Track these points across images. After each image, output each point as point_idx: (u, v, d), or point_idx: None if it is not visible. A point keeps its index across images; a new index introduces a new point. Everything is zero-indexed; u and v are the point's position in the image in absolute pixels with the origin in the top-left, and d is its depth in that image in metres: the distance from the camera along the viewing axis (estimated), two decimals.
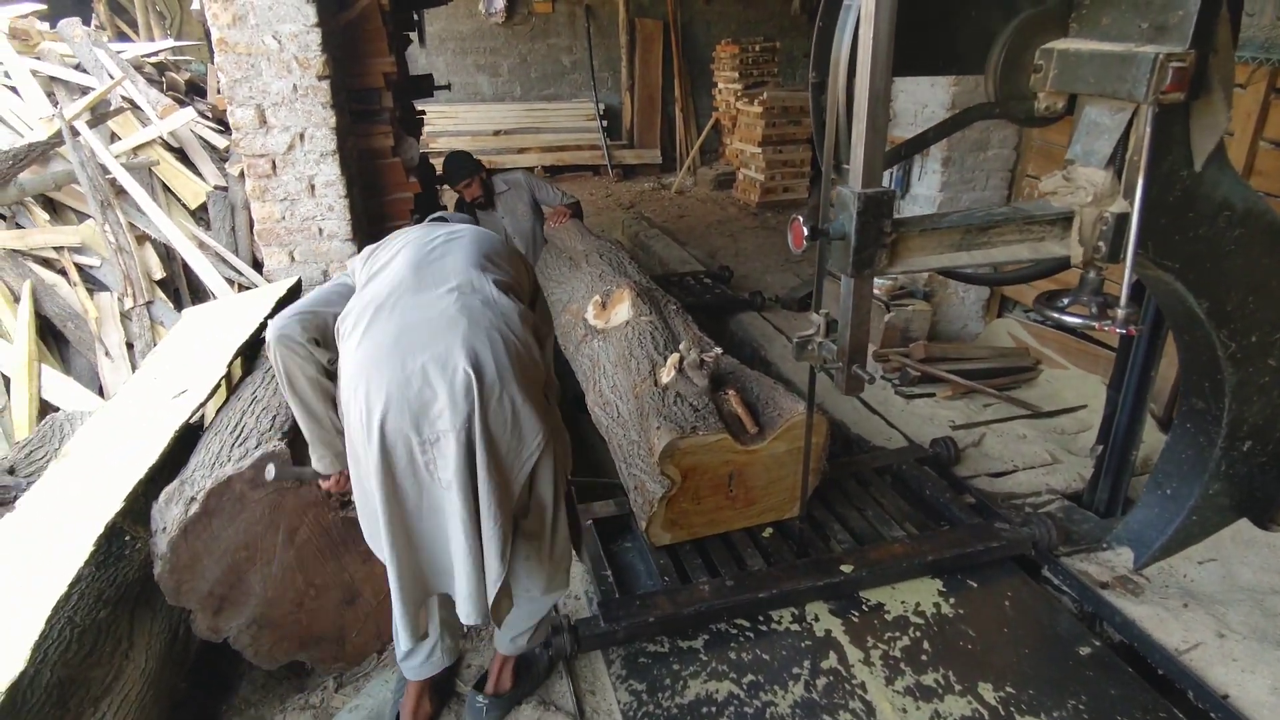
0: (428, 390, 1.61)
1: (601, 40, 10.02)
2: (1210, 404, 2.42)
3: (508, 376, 1.66)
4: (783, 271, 6.21)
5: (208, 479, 1.98)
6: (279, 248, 3.51)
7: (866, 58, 1.74)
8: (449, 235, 1.96)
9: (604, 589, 2.44)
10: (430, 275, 1.79)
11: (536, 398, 1.73)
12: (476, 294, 1.76)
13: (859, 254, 1.88)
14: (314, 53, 3.23)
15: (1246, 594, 2.40)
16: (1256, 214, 2.12)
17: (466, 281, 1.78)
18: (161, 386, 2.61)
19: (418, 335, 1.66)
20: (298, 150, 3.35)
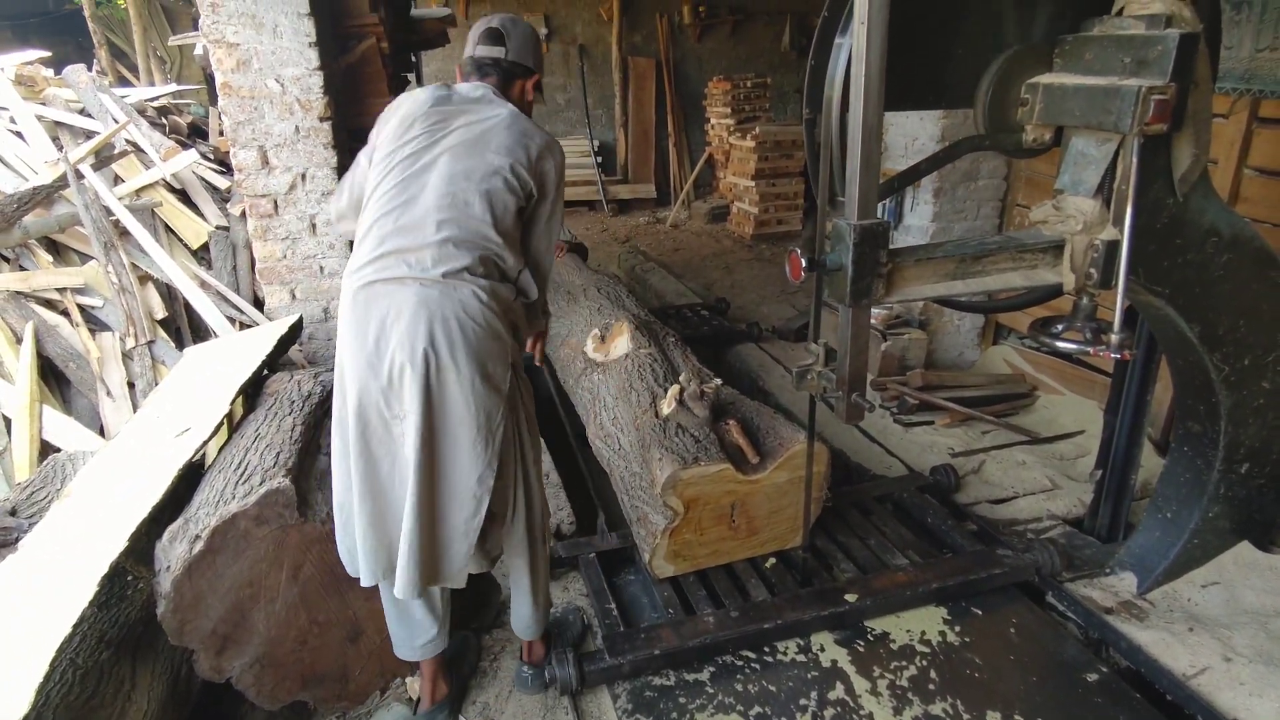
0: (395, 374, 1.85)
1: (595, 78, 10.20)
2: (1206, 427, 2.44)
3: (462, 360, 1.84)
4: (778, 303, 6.26)
5: (212, 516, 1.98)
6: (280, 286, 3.54)
7: (859, 94, 1.80)
8: (440, 136, 1.99)
9: (608, 622, 2.43)
10: (409, 218, 1.92)
11: (496, 373, 1.91)
12: (436, 283, 1.85)
13: (856, 284, 1.92)
14: (316, 95, 3.29)
15: (1251, 617, 2.40)
16: (1243, 240, 2.17)
17: (434, 255, 1.87)
18: (164, 425, 2.61)
19: (388, 318, 1.85)
20: (299, 190, 3.41)
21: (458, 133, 1.99)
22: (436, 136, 1.99)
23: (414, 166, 1.97)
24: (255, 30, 3.19)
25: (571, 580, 2.76)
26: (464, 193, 1.93)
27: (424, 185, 1.95)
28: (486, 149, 1.97)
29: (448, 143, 1.98)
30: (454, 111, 2.03)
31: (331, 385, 2.75)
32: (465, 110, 2.03)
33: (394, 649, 2.16)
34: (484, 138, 1.98)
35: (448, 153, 1.97)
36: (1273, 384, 2.36)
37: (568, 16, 9.93)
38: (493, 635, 2.52)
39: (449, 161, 1.96)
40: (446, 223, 1.90)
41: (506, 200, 1.96)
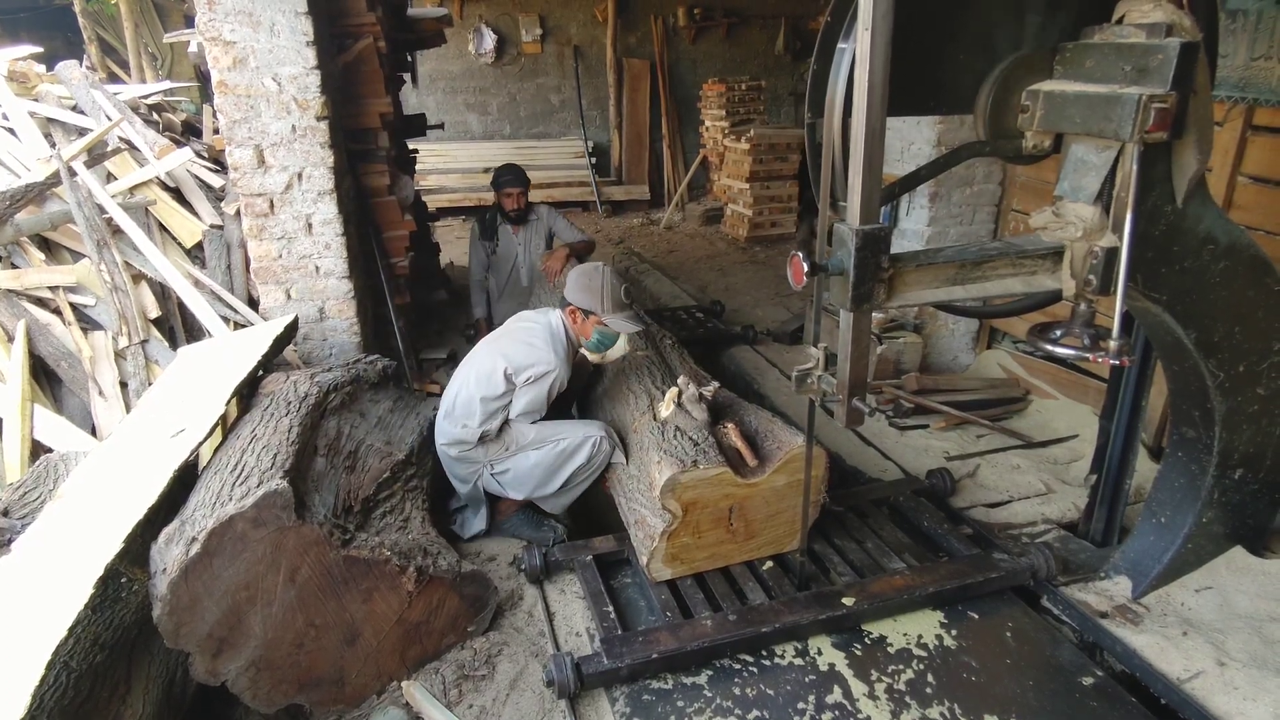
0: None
1: (590, 80, 10.19)
2: (1201, 433, 2.46)
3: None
4: (773, 305, 6.27)
5: (209, 518, 1.97)
6: (275, 286, 3.52)
7: (862, 99, 1.80)
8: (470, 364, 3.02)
9: (606, 625, 2.42)
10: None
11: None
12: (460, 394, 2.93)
13: (857, 289, 1.92)
14: (313, 94, 3.28)
15: (1245, 621, 2.42)
16: (1240, 247, 2.19)
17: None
18: (158, 426, 2.59)
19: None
20: (295, 189, 3.39)
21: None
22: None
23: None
24: (252, 28, 3.17)
25: (568, 583, 2.75)
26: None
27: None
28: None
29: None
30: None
31: (328, 385, 2.75)
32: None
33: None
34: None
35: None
36: (1267, 390, 2.38)
37: (563, 17, 9.92)
38: (489, 638, 2.51)
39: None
40: None
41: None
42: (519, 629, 2.56)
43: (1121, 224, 1.97)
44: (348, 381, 2.91)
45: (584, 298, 2.88)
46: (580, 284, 2.90)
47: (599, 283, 2.88)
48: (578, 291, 2.90)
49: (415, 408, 3.32)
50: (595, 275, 2.91)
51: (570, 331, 2.97)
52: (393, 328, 4.13)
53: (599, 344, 2.96)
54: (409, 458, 2.88)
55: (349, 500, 2.40)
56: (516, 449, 2.90)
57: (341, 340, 3.65)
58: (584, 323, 2.91)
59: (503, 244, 4.88)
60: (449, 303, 5.32)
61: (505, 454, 2.92)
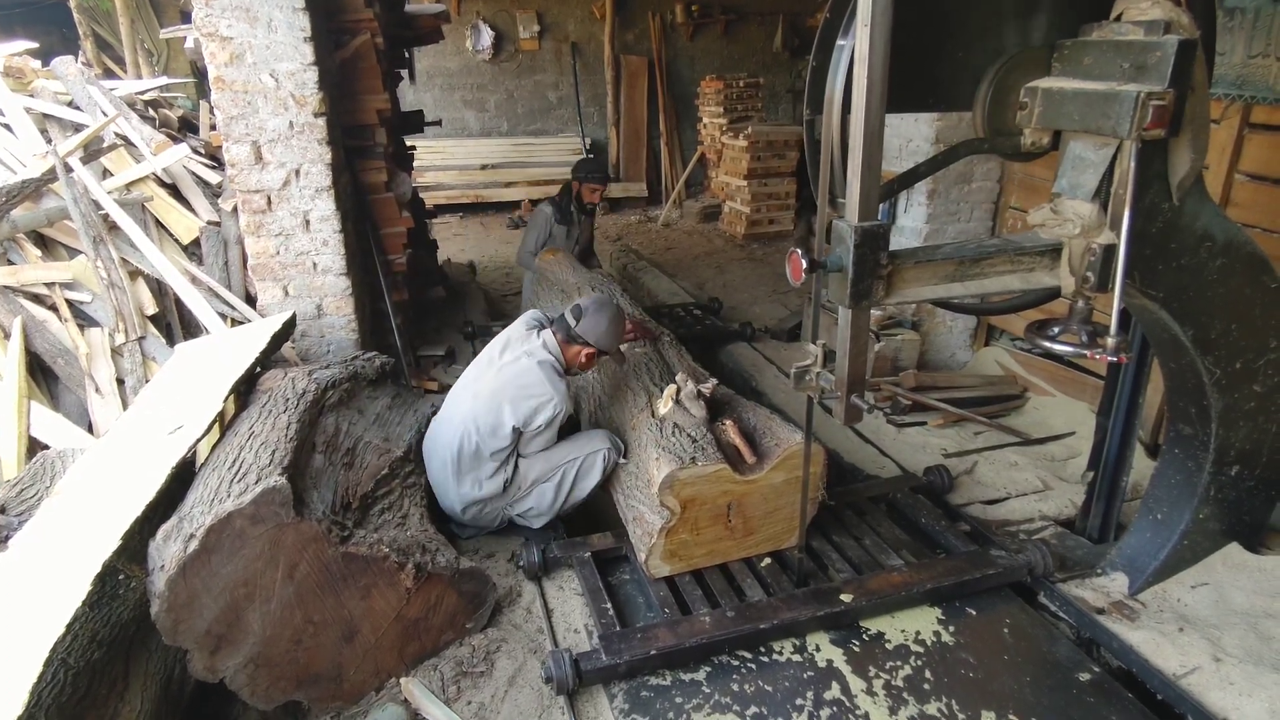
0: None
1: (587, 76, 10.17)
2: (1198, 429, 2.47)
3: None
4: (771, 303, 6.27)
5: (207, 515, 1.97)
6: (273, 282, 3.51)
7: (862, 96, 1.80)
8: (491, 369, 2.94)
9: (604, 622, 2.43)
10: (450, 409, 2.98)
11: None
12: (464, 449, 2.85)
13: (856, 286, 1.92)
14: (311, 90, 3.27)
15: (1240, 617, 2.43)
16: (1237, 245, 2.19)
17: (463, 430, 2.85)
18: (156, 422, 2.59)
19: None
20: (293, 186, 3.38)
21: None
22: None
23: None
24: (249, 24, 3.16)
25: (567, 579, 2.75)
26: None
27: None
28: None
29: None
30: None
31: (326, 382, 2.74)
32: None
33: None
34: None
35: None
36: (1264, 387, 2.39)
37: (560, 14, 9.90)
38: (487, 635, 2.51)
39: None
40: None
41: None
42: (517, 625, 2.57)
43: (1119, 221, 1.98)
44: (346, 378, 2.91)
45: (599, 338, 2.83)
46: (599, 321, 2.82)
47: (620, 325, 2.89)
48: (594, 329, 2.82)
49: (413, 405, 3.32)
50: (617, 315, 2.87)
51: (560, 355, 2.87)
52: (390, 324, 4.13)
53: (580, 372, 3.04)
54: (407, 454, 2.88)
55: (347, 497, 2.40)
56: (530, 485, 2.89)
57: (339, 337, 3.64)
58: (587, 359, 2.87)
59: (573, 232, 5.14)
60: (447, 299, 5.31)
61: (520, 493, 2.91)
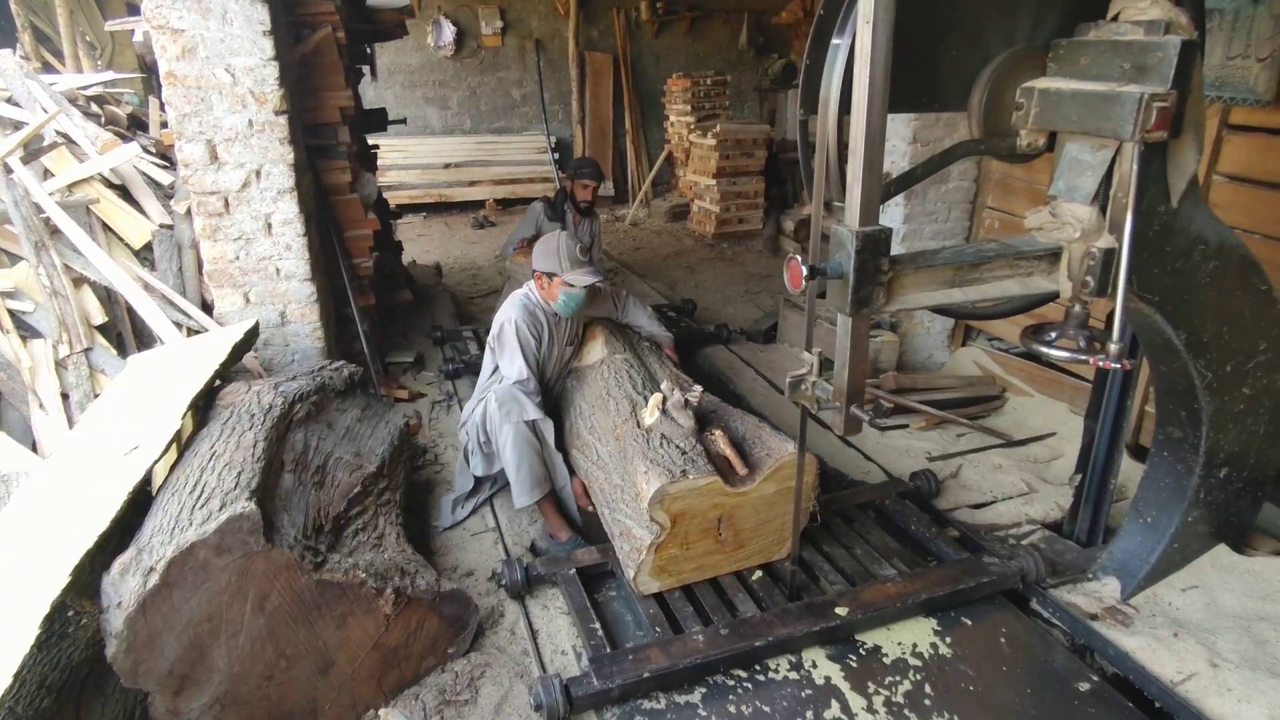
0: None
1: (552, 74, 10.03)
2: (1187, 432, 2.45)
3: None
4: (744, 303, 6.22)
5: (168, 546, 1.82)
6: (232, 289, 3.34)
7: (863, 96, 1.73)
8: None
9: (594, 643, 2.33)
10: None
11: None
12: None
13: (858, 293, 1.85)
14: (271, 87, 3.11)
15: (1233, 621, 2.42)
16: (1229, 248, 2.17)
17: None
18: (108, 441, 2.42)
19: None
20: (253, 187, 3.21)
21: None
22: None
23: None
24: (202, 15, 2.99)
25: (551, 597, 2.65)
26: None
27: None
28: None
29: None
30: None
31: (293, 395, 2.60)
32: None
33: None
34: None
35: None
36: (1253, 389, 2.39)
37: (524, 10, 9.74)
38: (470, 660, 2.39)
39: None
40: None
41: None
42: (501, 649, 2.46)
43: (1120, 225, 1.94)
44: (313, 390, 2.76)
45: (544, 261, 3.02)
46: (540, 251, 3.05)
47: (554, 244, 3.01)
48: (539, 258, 3.04)
49: (384, 416, 3.17)
50: (551, 240, 3.05)
51: (538, 297, 3.12)
52: (356, 330, 3.97)
53: (566, 303, 3.05)
54: (380, 470, 2.74)
55: (319, 519, 2.26)
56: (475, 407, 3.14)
57: (304, 345, 3.48)
58: (550, 286, 3.04)
59: (566, 230, 4.91)
60: (413, 303, 5.15)
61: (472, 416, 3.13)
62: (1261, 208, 2.91)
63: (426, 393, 4.17)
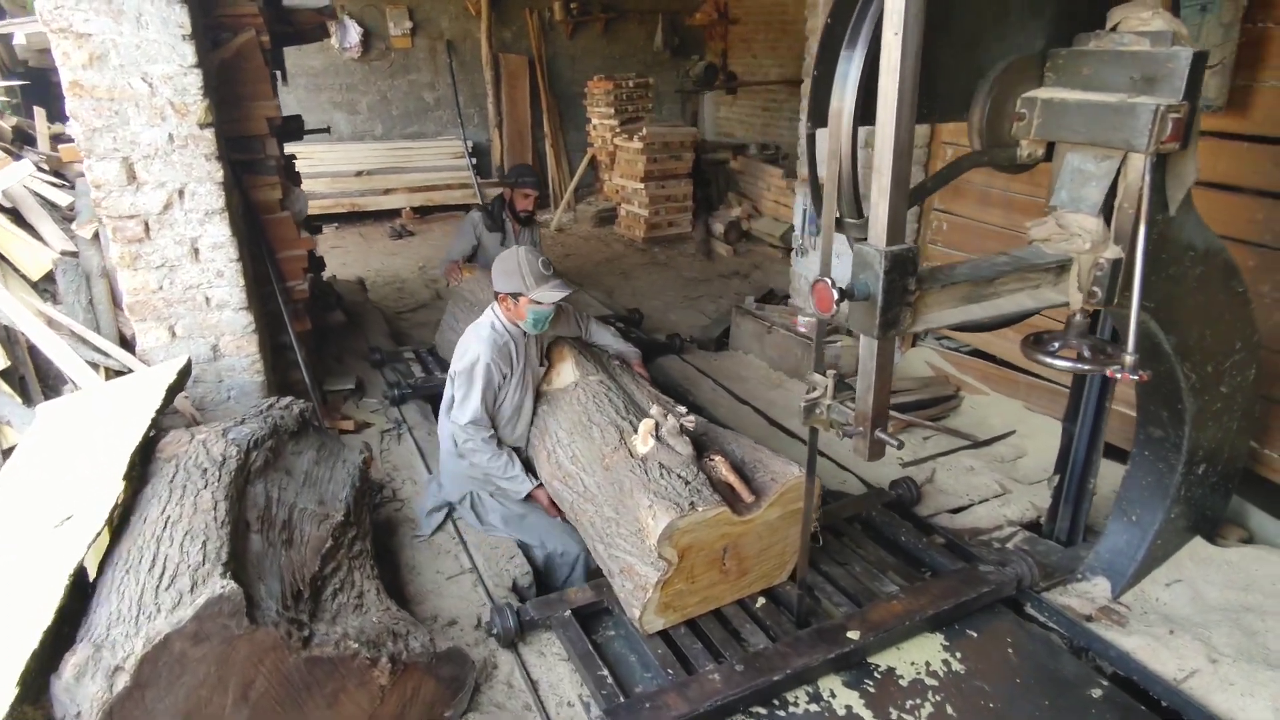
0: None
1: (465, 76, 9.70)
2: (1169, 432, 2.51)
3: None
4: (685, 309, 6.15)
5: (135, 639, 1.57)
6: (156, 322, 3.01)
7: (890, 109, 1.66)
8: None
9: (605, 692, 2.18)
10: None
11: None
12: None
13: (886, 314, 1.78)
14: (193, 97, 2.80)
15: (1222, 614, 2.49)
16: (1214, 252, 2.23)
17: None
18: (29, 510, 2.10)
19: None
20: (176, 209, 2.90)
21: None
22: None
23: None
24: (113, 19, 2.67)
25: (546, 643, 2.48)
26: None
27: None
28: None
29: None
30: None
31: (247, 442, 2.34)
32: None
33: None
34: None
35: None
36: (1229, 388, 2.46)
37: (433, 9, 9.37)
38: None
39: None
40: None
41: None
42: (500, 705, 2.27)
43: (1125, 235, 1.95)
44: (267, 435, 2.49)
45: (507, 282, 2.84)
46: (500, 270, 2.87)
47: (514, 262, 2.84)
48: (500, 279, 2.86)
49: (339, 454, 2.91)
50: (511, 257, 2.88)
51: (505, 320, 2.91)
52: (293, 359, 3.67)
53: (536, 321, 2.89)
54: (347, 517, 2.50)
55: (295, 583, 2.02)
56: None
57: (241, 381, 3.17)
58: (516, 307, 2.87)
59: (507, 240, 4.76)
60: (346, 324, 4.82)
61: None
62: (1214, 210, 3.01)
63: (373, 421, 3.90)
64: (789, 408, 4.08)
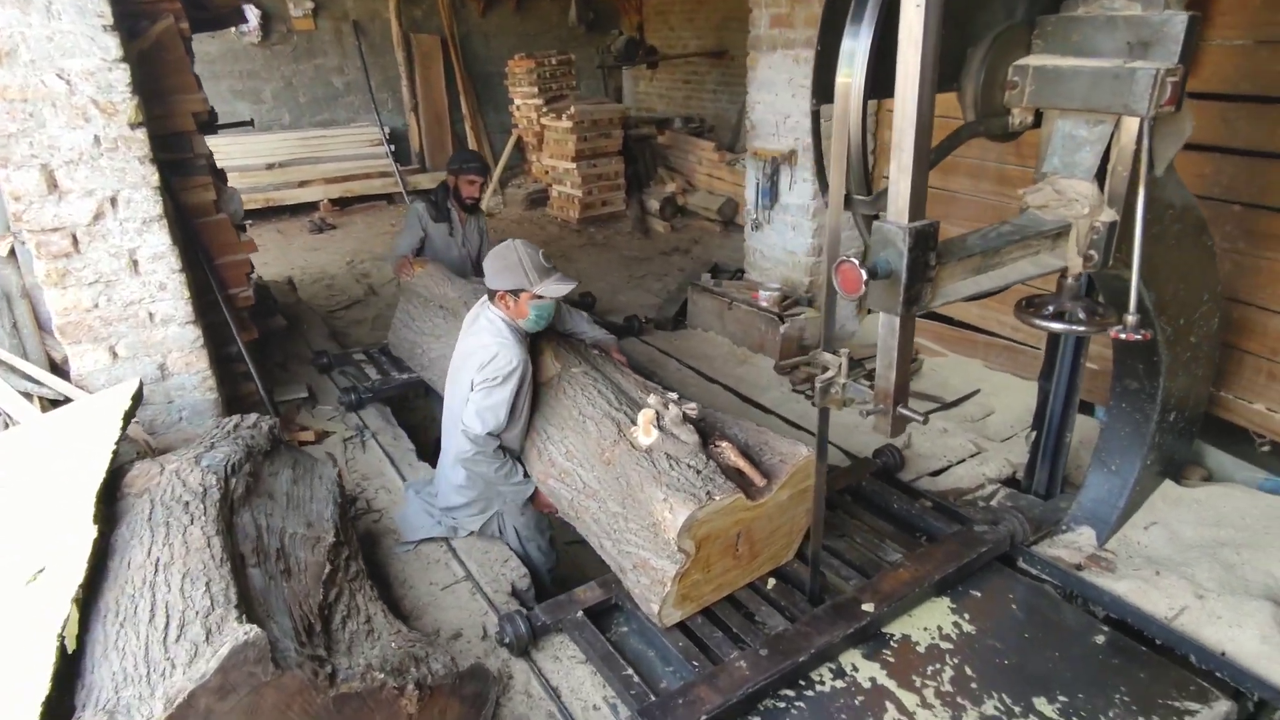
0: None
1: (376, 59, 9.27)
2: (1144, 384, 2.61)
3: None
4: (633, 289, 6.09)
5: (154, 701, 1.42)
6: (94, 344, 2.76)
7: (911, 82, 1.63)
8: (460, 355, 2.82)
9: (634, 693, 2.13)
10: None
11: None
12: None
13: (909, 291, 1.76)
14: (121, 95, 2.56)
15: (1200, 551, 2.63)
16: (1189, 209, 2.31)
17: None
18: None
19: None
20: (109, 219, 2.65)
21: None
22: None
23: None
24: (19, 8, 2.41)
25: (560, 647, 2.41)
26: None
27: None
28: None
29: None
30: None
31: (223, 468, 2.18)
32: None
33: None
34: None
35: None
36: (1197, 338, 2.58)
37: None
38: None
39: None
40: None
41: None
42: (524, 717, 2.20)
43: (1119, 198, 1.99)
44: (243, 458, 2.32)
45: (506, 278, 2.67)
46: (498, 266, 2.70)
47: (513, 257, 2.68)
48: (498, 275, 2.69)
49: (314, 470, 2.74)
50: (509, 252, 2.71)
51: (507, 319, 2.72)
52: (242, 371, 3.44)
53: (538, 319, 2.74)
54: (339, 538, 2.36)
55: (305, 616, 1.89)
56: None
57: (193, 399, 2.95)
58: (517, 304, 2.70)
59: (454, 230, 4.60)
60: (287, 329, 4.55)
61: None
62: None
63: (332, 430, 3.70)
64: (759, 384, 4.10)
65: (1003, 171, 3.67)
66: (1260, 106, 2.79)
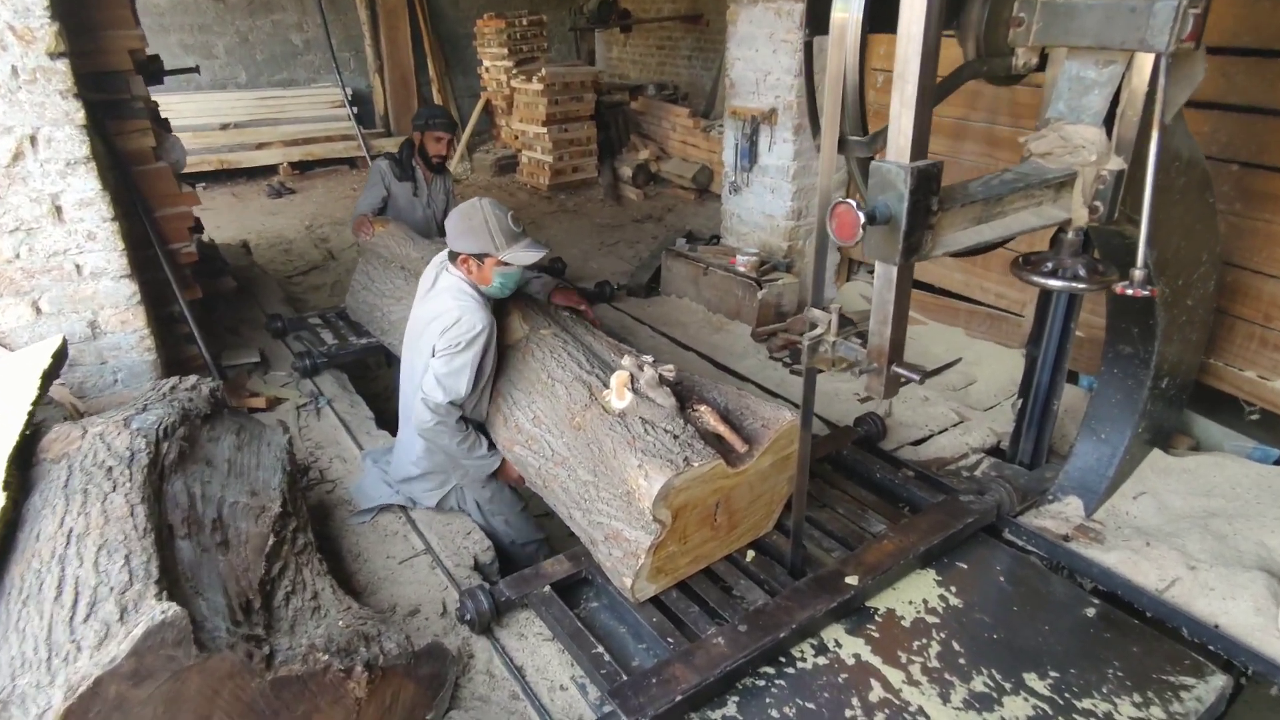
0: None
1: (337, 16, 8.89)
2: (1138, 348, 2.51)
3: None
4: (604, 256, 5.91)
5: (53, 689, 1.24)
6: (15, 298, 2.54)
7: (916, 14, 1.47)
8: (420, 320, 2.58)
9: (604, 671, 1.99)
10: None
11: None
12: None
13: (910, 238, 1.62)
14: (39, 20, 2.32)
15: (1190, 521, 2.55)
16: (1195, 161, 2.19)
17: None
18: None
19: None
20: (29, 159, 2.41)
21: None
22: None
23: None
24: None
25: (525, 623, 2.26)
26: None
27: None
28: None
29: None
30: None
31: (154, 432, 1.99)
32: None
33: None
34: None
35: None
36: (1193, 300, 2.48)
37: None
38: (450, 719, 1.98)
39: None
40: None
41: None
42: (485, 698, 2.05)
43: (1127, 146, 1.86)
44: (178, 420, 2.12)
45: (470, 241, 2.45)
46: (462, 228, 2.47)
47: (479, 218, 2.45)
48: (461, 237, 2.47)
49: (262, 436, 2.55)
50: (475, 212, 2.48)
51: (469, 284, 2.51)
52: (185, 332, 3.21)
53: (503, 286, 2.53)
54: (284, 507, 2.18)
55: (242, 592, 1.71)
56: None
57: (129, 360, 2.73)
58: (480, 269, 2.48)
59: (418, 190, 4.34)
60: (240, 293, 4.30)
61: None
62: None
63: (285, 396, 3.49)
64: (734, 351, 3.96)
65: (991, 132, 3.55)
66: (1261, 60, 2.68)
